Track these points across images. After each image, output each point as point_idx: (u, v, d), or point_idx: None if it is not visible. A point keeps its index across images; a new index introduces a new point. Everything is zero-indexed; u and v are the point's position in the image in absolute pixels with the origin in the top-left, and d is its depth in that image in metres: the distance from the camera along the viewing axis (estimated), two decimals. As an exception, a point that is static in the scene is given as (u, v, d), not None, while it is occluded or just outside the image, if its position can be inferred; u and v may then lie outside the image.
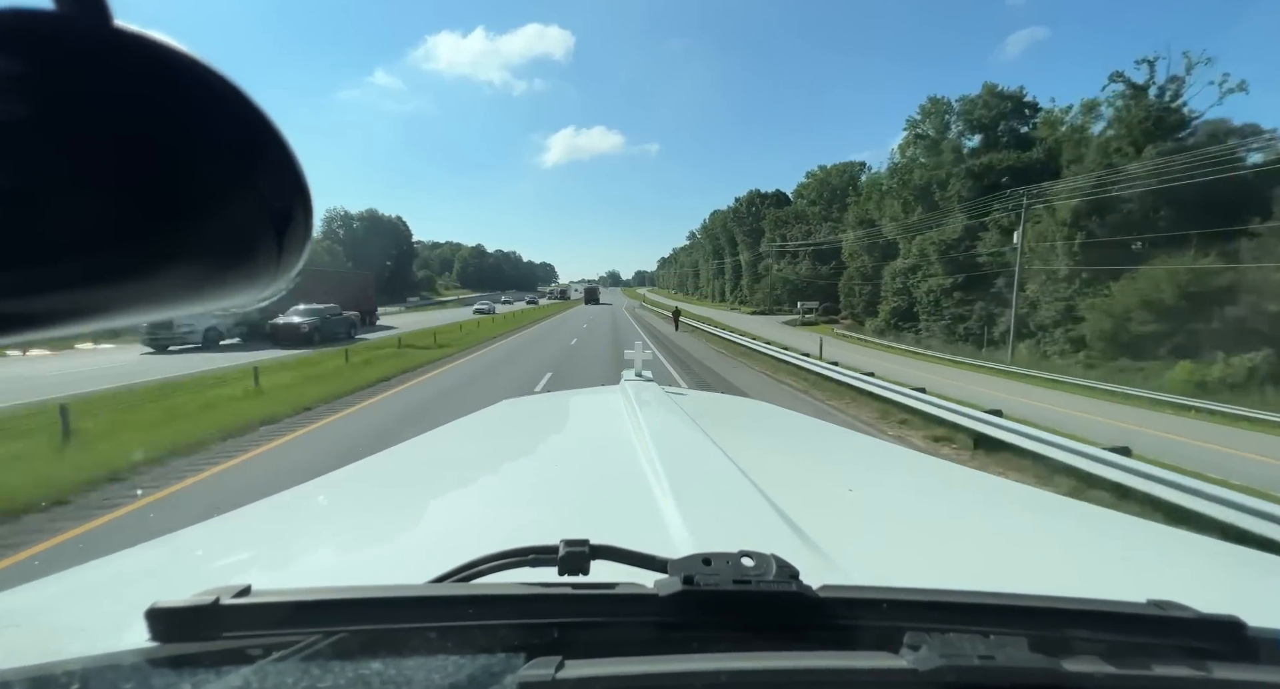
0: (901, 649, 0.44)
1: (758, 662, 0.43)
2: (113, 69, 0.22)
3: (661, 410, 1.71)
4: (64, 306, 0.22)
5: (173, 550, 0.96)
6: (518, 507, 1.08)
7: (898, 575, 0.74)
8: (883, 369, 12.66)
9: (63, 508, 4.87)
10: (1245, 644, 0.47)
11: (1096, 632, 0.47)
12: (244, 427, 7.56)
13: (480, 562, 0.56)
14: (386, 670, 0.42)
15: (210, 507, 3.56)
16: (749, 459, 1.15)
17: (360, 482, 1.34)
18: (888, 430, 8.61)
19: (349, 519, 1.11)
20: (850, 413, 9.83)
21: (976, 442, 7.45)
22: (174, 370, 12.60)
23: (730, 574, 0.49)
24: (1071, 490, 5.61)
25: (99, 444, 6.42)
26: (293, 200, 0.27)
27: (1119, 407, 13.36)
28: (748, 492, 0.96)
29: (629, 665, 0.42)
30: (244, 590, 0.48)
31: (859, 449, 1.71)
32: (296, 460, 6.25)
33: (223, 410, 8.34)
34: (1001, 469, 6.47)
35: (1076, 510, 1.21)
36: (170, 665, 0.44)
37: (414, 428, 3.14)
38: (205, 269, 0.25)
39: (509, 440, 1.77)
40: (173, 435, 6.82)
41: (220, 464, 6.12)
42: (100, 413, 7.84)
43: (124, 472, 5.69)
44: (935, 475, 1.45)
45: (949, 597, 0.49)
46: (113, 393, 9.69)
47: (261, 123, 0.25)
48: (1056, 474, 6.15)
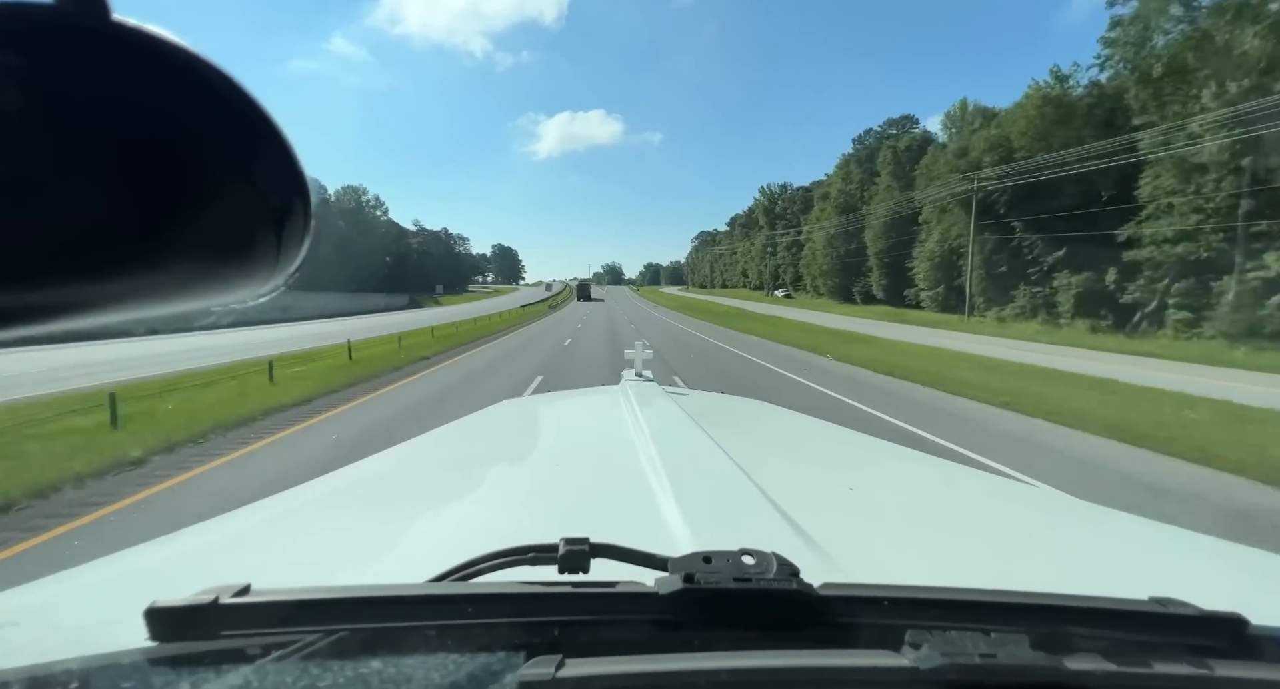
0: (903, 647, 0.44)
1: (758, 660, 0.43)
2: (112, 63, 0.22)
3: (661, 410, 1.71)
4: (63, 301, 0.22)
5: (172, 550, 0.97)
6: (518, 506, 1.08)
7: (899, 573, 0.74)
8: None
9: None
10: (1247, 642, 0.47)
11: (1098, 629, 0.47)
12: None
13: (480, 560, 0.56)
14: (386, 669, 0.42)
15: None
16: (749, 458, 1.16)
17: (360, 481, 1.36)
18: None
19: (349, 518, 1.11)
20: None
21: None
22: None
23: (731, 572, 0.49)
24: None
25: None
26: (291, 195, 0.27)
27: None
28: (748, 490, 0.96)
29: (629, 664, 0.42)
30: (243, 589, 0.48)
31: (860, 448, 1.73)
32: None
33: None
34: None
35: (1077, 508, 1.22)
36: (169, 665, 0.44)
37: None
38: (204, 263, 0.25)
39: (509, 440, 1.77)
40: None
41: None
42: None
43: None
44: (936, 474, 1.45)
45: (950, 594, 0.49)
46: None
47: (260, 117, 0.25)
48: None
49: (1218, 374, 13.01)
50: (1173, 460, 6.05)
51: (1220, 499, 4.99)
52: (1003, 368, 13.11)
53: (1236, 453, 5.94)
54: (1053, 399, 8.91)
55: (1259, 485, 5.31)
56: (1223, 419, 7.68)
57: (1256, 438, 6.53)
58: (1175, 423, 7.36)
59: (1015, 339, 21.83)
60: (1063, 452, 6.49)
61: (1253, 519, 4.59)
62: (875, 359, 14.16)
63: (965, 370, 12.43)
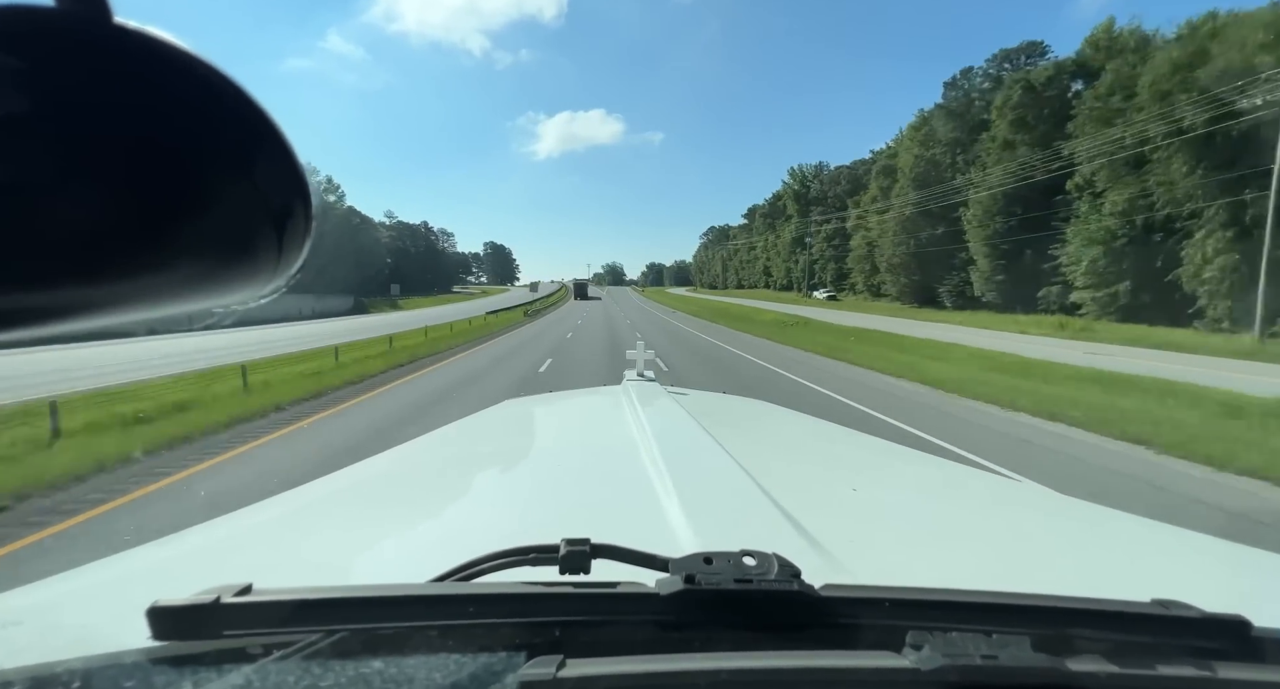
0: (904, 649, 0.44)
1: (759, 661, 0.43)
2: (113, 66, 0.22)
3: (663, 410, 1.70)
4: (64, 303, 0.22)
5: (174, 549, 0.97)
6: (519, 506, 1.08)
7: (900, 574, 0.73)
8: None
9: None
10: (1251, 644, 0.46)
11: (1100, 631, 0.47)
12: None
13: (481, 560, 0.55)
14: (388, 669, 0.42)
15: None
16: (751, 458, 1.15)
17: (362, 481, 1.35)
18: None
19: (351, 518, 1.10)
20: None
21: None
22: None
23: (732, 573, 0.49)
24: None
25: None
26: (293, 197, 0.27)
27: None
28: (749, 491, 0.96)
29: (630, 664, 0.42)
30: (245, 589, 0.48)
31: (862, 448, 1.71)
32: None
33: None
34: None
35: (1079, 509, 1.19)
36: (171, 664, 0.45)
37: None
38: (205, 265, 0.25)
39: (510, 440, 1.77)
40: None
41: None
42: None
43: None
44: (938, 475, 1.44)
45: (952, 596, 0.49)
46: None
47: (261, 119, 0.25)
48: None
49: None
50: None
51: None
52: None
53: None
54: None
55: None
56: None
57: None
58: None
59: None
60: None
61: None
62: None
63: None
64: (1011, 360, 13.92)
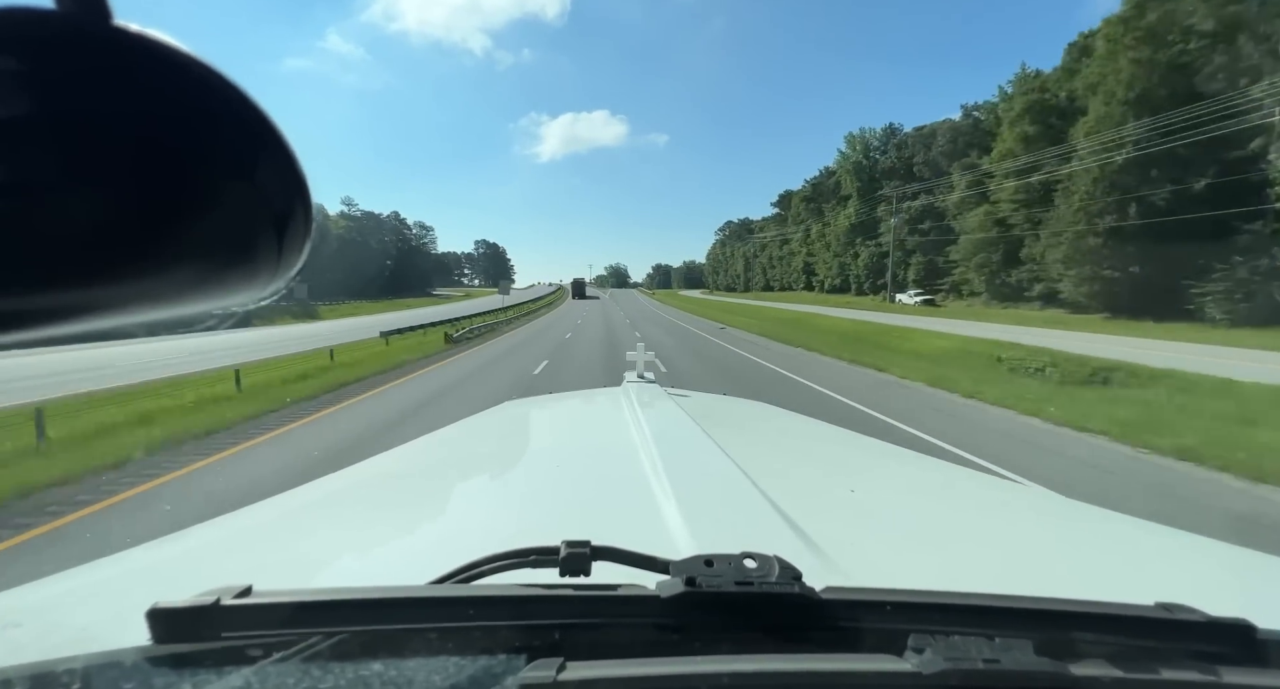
0: (905, 652, 0.44)
1: (760, 664, 0.43)
2: (113, 68, 0.22)
3: (663, 411, 1.70)
4: (64, 305, 0.22)
5: (174, 550, 0.96)
6: (519, 508, 1.07)
7: (901, 577, 0.73)
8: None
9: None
10: (1255, 647, 0.46)
11: (1103, 635, 0.47)
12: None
13: (481, 563, 0.55)
14: (387, 671, 0.42)
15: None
16: (751, 460, 1.14)
17: (362, 482, 1.35)
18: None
19: (350, 520, 1.10)
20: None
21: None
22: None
23: (732, 576, 0.49)
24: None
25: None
26: (293, 199, 0.27)
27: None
28: (750, 493, 0.95)
29: (631, 667, 0.42)
30: (245, 591, 0.48)
31: (862, 450, 1.71)
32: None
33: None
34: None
35: (1082, 512, 1.18)
36: (171, 665, 0.45)
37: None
38: (205, 268, 0.25)
39: (511, 441, 1.76)
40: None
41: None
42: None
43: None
44: (939, 477, 1.44)
45: (953, 599, 0.49)
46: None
47: (261, 122, 0.25)
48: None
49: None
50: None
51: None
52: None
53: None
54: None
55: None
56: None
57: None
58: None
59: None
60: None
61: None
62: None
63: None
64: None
